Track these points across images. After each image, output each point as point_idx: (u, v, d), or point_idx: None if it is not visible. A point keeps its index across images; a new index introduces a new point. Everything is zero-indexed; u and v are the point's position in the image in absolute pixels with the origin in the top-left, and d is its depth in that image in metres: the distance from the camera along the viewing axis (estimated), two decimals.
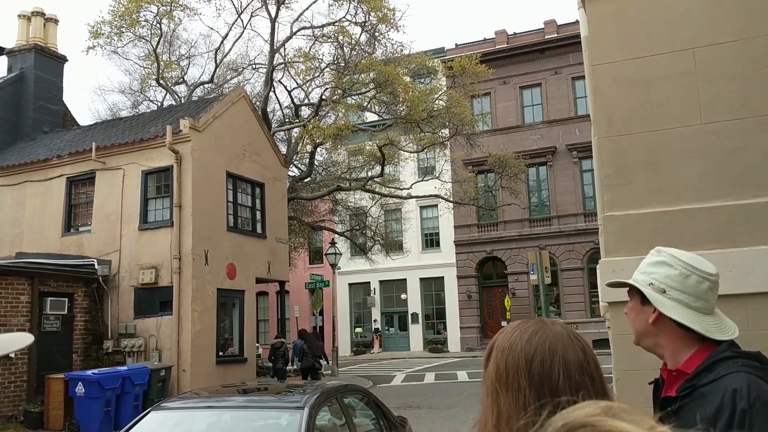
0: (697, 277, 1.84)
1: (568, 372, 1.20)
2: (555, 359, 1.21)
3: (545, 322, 1.29)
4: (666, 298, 1.84)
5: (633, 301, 1.95)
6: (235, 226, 17.34)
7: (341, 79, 22.95)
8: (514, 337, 1.28)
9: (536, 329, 1.27)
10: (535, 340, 1.24)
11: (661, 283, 1.86)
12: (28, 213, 17.74)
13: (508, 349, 1.26)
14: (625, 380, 3.83)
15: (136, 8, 21.91)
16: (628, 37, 4.24)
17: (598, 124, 4.33)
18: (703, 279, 1.84)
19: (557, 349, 1.22)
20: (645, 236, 3.85)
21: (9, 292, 13.72)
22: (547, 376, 1.19)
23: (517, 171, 26.86)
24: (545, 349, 1.22)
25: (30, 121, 20.26)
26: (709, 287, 1.85)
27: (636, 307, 1.93)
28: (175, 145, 15.75)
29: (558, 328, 1.27)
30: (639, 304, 1.92)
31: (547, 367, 1.20)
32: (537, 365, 1.20)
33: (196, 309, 15.32)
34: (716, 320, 1.86)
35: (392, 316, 37.00)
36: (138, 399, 13.07)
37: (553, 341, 1.24)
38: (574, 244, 31.97)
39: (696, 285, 1.84)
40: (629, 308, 1.97)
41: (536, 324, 1.29)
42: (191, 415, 5.72)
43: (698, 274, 1.85)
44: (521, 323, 1.32)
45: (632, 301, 1.95)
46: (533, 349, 1.23)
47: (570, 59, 31.94)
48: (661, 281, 1.86)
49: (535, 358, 1.21)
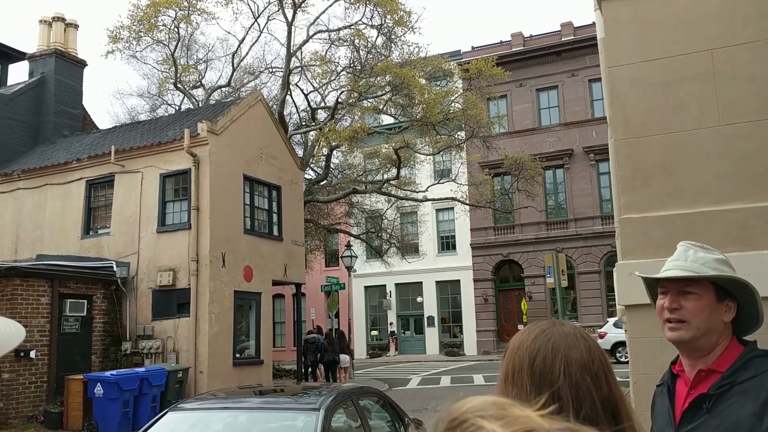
0: None
1: (568, 370, 1.22)
2: (557, 357, 1.23)
3: (555, 323, 1.32)
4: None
5: (707, 297, 1.86)
6: (251, 228, 17.43)
7: (357, 83, 23.00)
8: (523, 336, 1.31)
9: (544, 329, 1.30)
10: (540, 339, 1.27)
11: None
12: (48, 215, 17.96)
13: (516, 348, 1.29)
14: (643, 383, 3.81)
15: (155, 13, 22.10)
16: (645, 38, 4.22)
17: (615, 127, 4.31)
18: None
19: (560, 348, 1.24)
20: (662, 239, 3.83)
21: (30, 293, 13.89)
22: (548, 373, 1.22)
23: (533, 173, 26.73)
24: (548, 347, 1.25)
25: (50, 124, 20.52)
26: None
27: (712, 303, 1.87)
28: (193, 148, 15.87)
29: (567, 329, 1.29)
30: (715, 301, 1.87)
31: (548, 365, 1.23)
32: (539, 363, 1.23)
33: (213, 311, 15.41)
34: None
35: (408, 319, 36.96)
36: (155, 400, 13.18)
37: (557, 340, 1.26)
38: (591, 247, 31.77)
39: None
40: (700, 304, 1.86)
41: (546, 324, 1.32)
42: (208, 416, 5.76)
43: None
44: (533, 324, 1.35)
45: (705, 296, 1.86)
46: (537, 348, 1.25)
47: (587, 61, 31.78)
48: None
49: (538, 356, 1.24)
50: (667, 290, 1.92)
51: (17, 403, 13.30)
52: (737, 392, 1.73)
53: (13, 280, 13.68)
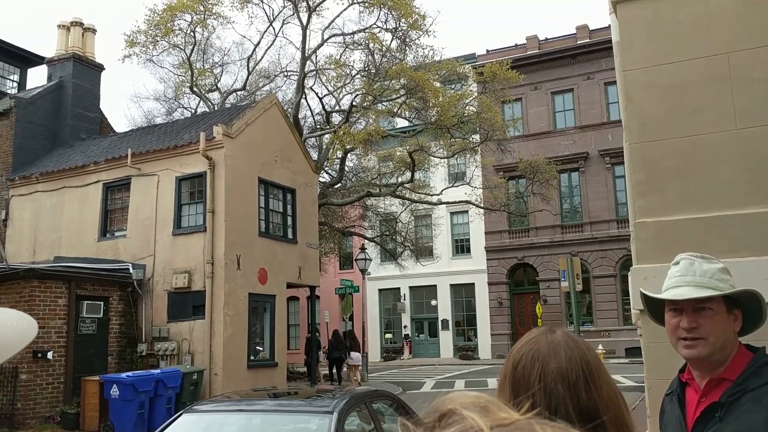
0: None
1: (544, 378, 1.25)
2: (534, 366, 1.27)
3: (548, 331, 1.35)
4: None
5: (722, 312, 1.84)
6: (266, 231, 17.50)
7: (372, 86, 23.04)
8: (515, 344, 1.36)
9: (531, 338, 1.34)
10: (525, 348, 1.31)
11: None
12: (65, 218, 18.14)
13: (509, 357, 1.34)
14: (659, 388, 3.78)
15: (171, 17, 22.29)
16: (660, 42, 4.20)
17: (630, 130, 4.29)
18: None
19: (539, 357, 1.28)
20: (677, 243, 3.80)
21: (47, 295, 14.04)
22: (526, 381, 1.26)
23: (548, 177, 26.62)
24: (529, 356, 1.28)
25: (68, 128, 20.74)
26: None
27: (725, 317, 1.84)
28: (209, 151, 15.97)
29: (556, 336, 1.32)
30: (726, 313, 1.85)
31: (527, 373, 1.27)
32: (519, 371, 1.28)
33: (228, 313, 15.49)
34: None
35: (422, 323, 36.90)
36: (171, 402, 13.25)
37: (538, 349, 1.29)
38: (607, 250, 31.55)
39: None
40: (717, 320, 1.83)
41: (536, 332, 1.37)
42: (222, 418, 5.79)
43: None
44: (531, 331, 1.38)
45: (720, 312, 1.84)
46: (520, 356, 1.30)
47: (602, 64, 31.61)
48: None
49: (519, 365, 1.28)
50: (680, 308, 1.87)
51: (34, 403, 13.44)
52: (749, 399, 1.72)
53: (31, 281, 13.84)
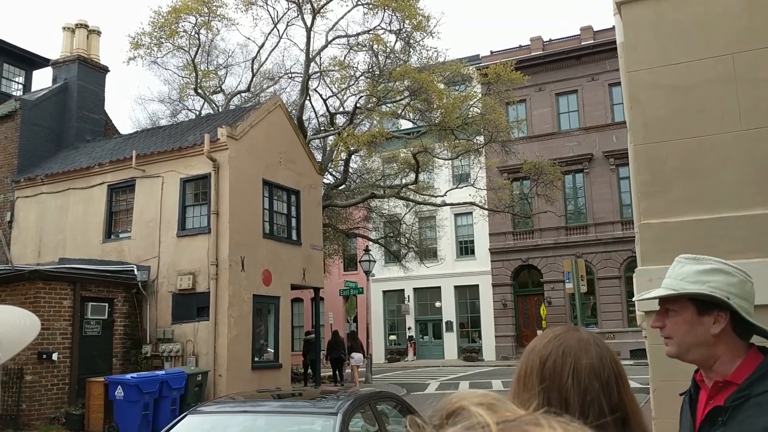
0: (750, 283, 1.84)
1: (577, 375, 1.23)
2: (566, 362, 1.25)
3: (571, 328, 1.33)
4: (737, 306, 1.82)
5: (685, 313, 1.85)
6: (270, 232, 17.51)
7: (376, 87, 23.05)
8: (537, 340, 1.33)
9: (558, 334, 1.31)
10: (552, 343, 1.29)
11: (723, 291, 1.80)
12: (70, 219, 18.19)
13: (529, 351, 1.31)
14: (663, 390, 3.77)
15: (175, 19, 22.34)
16: (665, 42, 4.19)
17: (635, 131, 4.28)
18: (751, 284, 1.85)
19: (570, 353, 1.26)
20: (682, 245, 3.79)
21: (52, 296, 14.08)
22: (557, 377, 1.23)
23: (553, 178, 26.57)
24: (559, 352, 1.26)
25: (73, 130, 20.80)
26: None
27: (691, 318, 1.84)
28: (213, 153, 16.00)
29: (582, 334, 1.30)
30: (695, 315, 1.83)
31: (558, 368, 1.24)
32: (549, 366, 1.25)
33: (232, 315, 15.50)
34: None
35: (426, 324, 36.89)
36: (175, 403, 13.27)
37: (570, 345, 1.27)
38: (611, 252, 31.50)
39: (751, 291, 1.83)
40: (679, 320, 1.86)
41: (561, 329, 1.33)
42: (227, 419, 5.79)
43: (750, 280, 1.84)
44: (550, 329, 1.36)
45: (684, 312, 1.85)
46: (549, 351, 1.27)
47: (607, 65, 31.56)
48: (724, 289, 1.80)
49: (549, 360, 1.26)
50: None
51: (39, 404, 13.47)
52: (752, 405, 1.68)
53: (36, 283, 13.88)
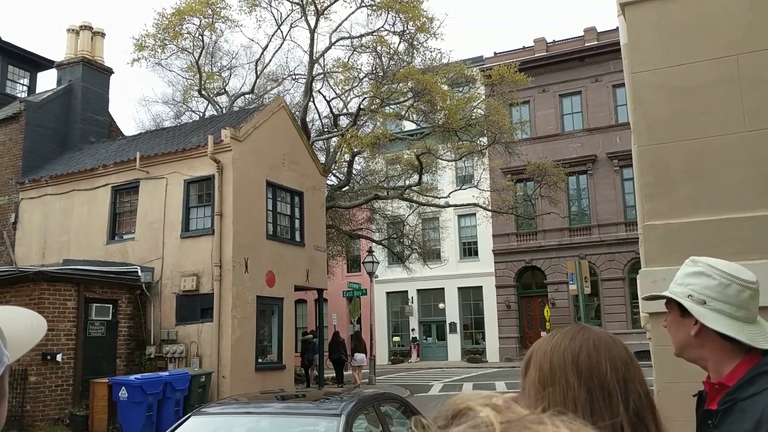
0: (738, 285, 1.79)
1: (614, 365, 1.22)
2: (601, 353, 1.23)
3: (585, 326, 1.32)
4: (707, 310, 1.79)
5: (672, 314, 1.90)
6: (274, 234, 17.53)
7: (379, 89, 23.07)
8: (555, 339, 1.30)
9: (578, 330, 1.30)
10: (578, 338, 1.27)
11: (700, 294, 1.80)
12: (75, 221, 18.23)
13: (552, 350, 1.27)
14: (667, 392, 3.76)
15: (179, 21, 22.40)
16: (669, 43, 4.19)
17: (638, 132, 4.28)
18: (743, 287, 1.78)
19: (601, 345, 1.25)
20: (686, 246, 3.78)
21: (57, 297, 14.11)
22: (595, 369, 1.21)
23: (556, 179, 26.55)
24: (590, 345, 1.24)
25: (78, 131, 20.85)
26: (750, 296, 1.79)
27: (676, 319, 1.88)
28: (217, 154, 16.02)
29: (599, 330, 1.30)
30: (679, 317, 1.87)
31: (594, 360, 1.22)
32: (584, 359, 1.23)
33: (236, 316, 15.52)
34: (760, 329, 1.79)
35: (430, 326, 36.87)
36: (179, 404, 13.30)
37: (596, 338, 1.26)
38: (615, 253, 31.44)
39: (737, 294, 1.78)
40: (669, 321, 1.92)
41: (576, 327, 1.32)
42: (230, 421, 5.80)
43: (738, 282, 1.79)
44: (560, 329, 1.34)
45: (671, 313, 1.90)
46: (578, 346, 1.25)
47: (611, 66, 31.52)
48: (701, 292, 1.80)
49: (581, 353, 1.23)
50: None
51: (44, 405, 13.50)
52: (738, 410, 1.68)
53: (40, 284, 13.92)
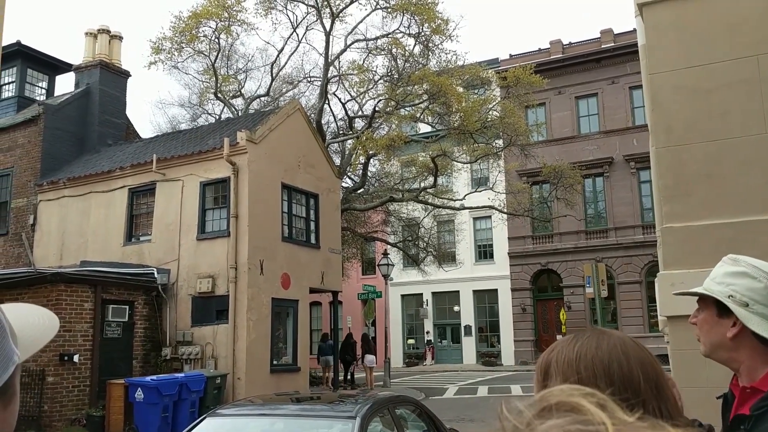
0: None
1: (645, 372, 1.18)
2: (631, 361, 1.19)
3: (605, 330, 1.26)
4: (750, 313, 1.73)
5: (706, 312, 1.83)
6: (289, 236, 17.57)
7: (394, 91, 23.06)
8: (579, 347, 1.23)
9: (600, 336, 1.24)
10: (604, 346, 1.21)
11: (743, 295, 1.74)
12: (92, 223, 18.38)
13: (577, 360, 1.21)
14: (686, 396, 3.71)
15: (196, 24, 22.53)
16: (688, 44, 4.14)
17: (657, 134, 4.23)
18: None
19: (629, 352, 1.20)
20: (705, 249, 3.74)
21: (74, 299, 14.23)
22: (627, 378, 1.17)
23: (572, 182, 26.38)
24: (619, 352, 1.19)
25: (95, 134, 21.04)
26: None
27: (711, 319, 1.81)
28: (232, 157, 16.09)
29: (619, 334, 1.25)
30: (715, 316, 1.80)
31: (626, 370, 1.18)
32: (616, 369, 1.18)
33: (251, 318, 15.56)
34: None
35: (445, 328, 36.77)
36: (194, 405, 13.34)
37: (623, 345, 1.21)
38: (632, 256, 31.19)
39: None
40: (701, 319, 1.84)
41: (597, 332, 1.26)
42: (245, 422, 5.81)
43: None
44: (576, 335, 1.27)
45: (705, 312, 1.83)
46: (607, 355, 1.19)
47: (627, 68, 31.31)
48: (744, 294, 1.74)
49: (612, 363, 1.18)
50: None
51: (61, 406, 13.61)
52: None
53: (58, 285, 14.04)
